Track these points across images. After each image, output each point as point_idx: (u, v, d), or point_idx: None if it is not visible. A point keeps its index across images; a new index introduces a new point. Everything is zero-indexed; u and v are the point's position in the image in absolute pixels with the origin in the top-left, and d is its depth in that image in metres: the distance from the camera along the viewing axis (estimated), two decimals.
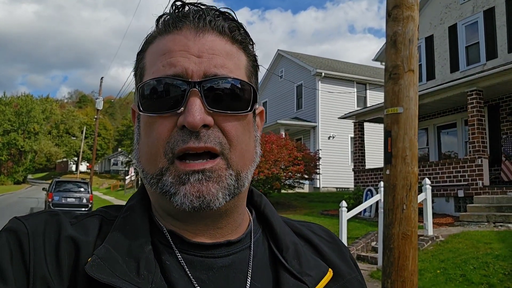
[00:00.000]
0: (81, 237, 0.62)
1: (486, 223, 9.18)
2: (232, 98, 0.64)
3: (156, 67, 0.65)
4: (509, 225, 8.73)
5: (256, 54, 0.73)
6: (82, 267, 0.58)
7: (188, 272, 0.63)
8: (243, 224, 0.72)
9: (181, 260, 0.63)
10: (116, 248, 0.61)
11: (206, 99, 0.62)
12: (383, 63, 15.71)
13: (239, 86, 0.65)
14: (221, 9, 0.68)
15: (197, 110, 0.60)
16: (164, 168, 0.62)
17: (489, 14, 13.08)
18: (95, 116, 30.60)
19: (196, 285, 0.62)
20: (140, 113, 0.66)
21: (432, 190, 9.36)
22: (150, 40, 0.70)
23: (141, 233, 0.63)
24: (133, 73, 0.74)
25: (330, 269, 0.70)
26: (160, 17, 0.69)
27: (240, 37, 0.68)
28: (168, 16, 0.68)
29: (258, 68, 0.74)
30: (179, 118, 0.62)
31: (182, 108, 0.61)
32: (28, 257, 0.57)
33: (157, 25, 0.69)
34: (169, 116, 0.63)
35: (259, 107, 0.75)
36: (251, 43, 0.71)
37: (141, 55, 0.71)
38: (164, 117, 0.63)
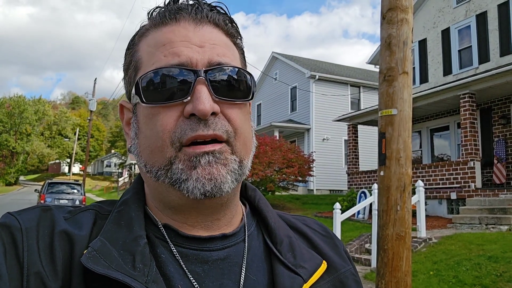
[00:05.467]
0: (75, 231, 0.62)
1: (478, 225, 9.25)
2: (236, 87, 0.65)
3: (156, 58, 0.64)
4: (501, 227, 8.80)
5: (244, 49, 0.75)
6: (77, 262, 0.58)
7: (183, 265, 0.63)
8: (237, 217, 0.72)
9: (176, 253, 0.63)
10: (111, 242, 0.60)
11: (212, 87, 0.62)
12: (377, 66, 15.81)
13: (242, 74, 0.66)
14: (213, 3, 0.70)
15: (206, 98, 0.61)
16: (172, 157, 0.62)
17: (482, 18, 13.21)
18: (88, 118, 30.45)
19: (191, 278, 0.62)
20: (143, 105, 0.64)
21: (425, 193, 9.41)
22: (143, 33, 0.69)
23: (136, 227, 0.63)
24: (123, 68, 0.72)
25: (324, 261, 0.71)
26: (153, 10, 0.69)
27: (232, 31, 0.70)
28: (163, 9, 0.67)
29: (246, 61, 0.75)
30: (186, 107, 0.61)
31: (188, 98, 0.61)
32: (22, 253, 0.57)
33: (149, 18, 0.69)
34: (174, 106, 0.62)
35: None
36: (239, 37, 0.72)
37: (133, 48, 0.70)
38: (168, 108, 0.62)
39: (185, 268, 0.62)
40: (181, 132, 0.61)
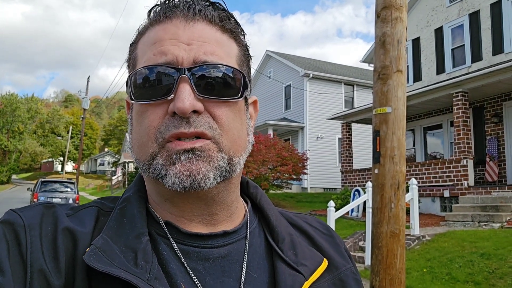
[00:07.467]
0: (78, 228, 0.62)
1: (471, 223, 9.33)
2: (222, 85, 0.64)
3: (147, 56, 0.65)
4: (493, 224, 8.89)
5: (247, 45, 0.73)
6: (80, 258, 0.58)
7: (185, 262, 0.63)
8: (238, 214, 0.72)
9: (177, 250, 0.64)
10: (113, 239, 0.61)
11: (196, 85, 0.62)
12: (371, 65, 15.85)
13: (229, 72, 0.65)
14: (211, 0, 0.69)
15: (186, 96, 0.61)
16: (154, 152, 0.63)
17: (474, 18, 13.30)
18: (82, 116, 30.25)
19: (192, 275, 0.62)
20: (132, 102, 0.66)
21: (418, 191, 9.47)
22: (142, 32, 0.70)
23: (138, 224, 0.63)
24: (125, 65, 0.74)
25: (325, 259, 0.71)
26: (152, 8, 0.70)
27: (230, 27, 0.69)
28: (159, 7, 0.68)
29: (251, 58, 0.74)
30: (170, 105, 0.62)
31: (172, 95, 0.62)
32: (25, 250, 0.57)
33: (148, 17, 0.70)
34: (161, 103, 0.63)
35: (252, 97, 0.76)
36: (242, 33, 0.71)
37: (133, 46, 0.71)
38: (155, 105, 0.63)
39: (186, 265, 0.63)
40: (165, 128, 0.62)
